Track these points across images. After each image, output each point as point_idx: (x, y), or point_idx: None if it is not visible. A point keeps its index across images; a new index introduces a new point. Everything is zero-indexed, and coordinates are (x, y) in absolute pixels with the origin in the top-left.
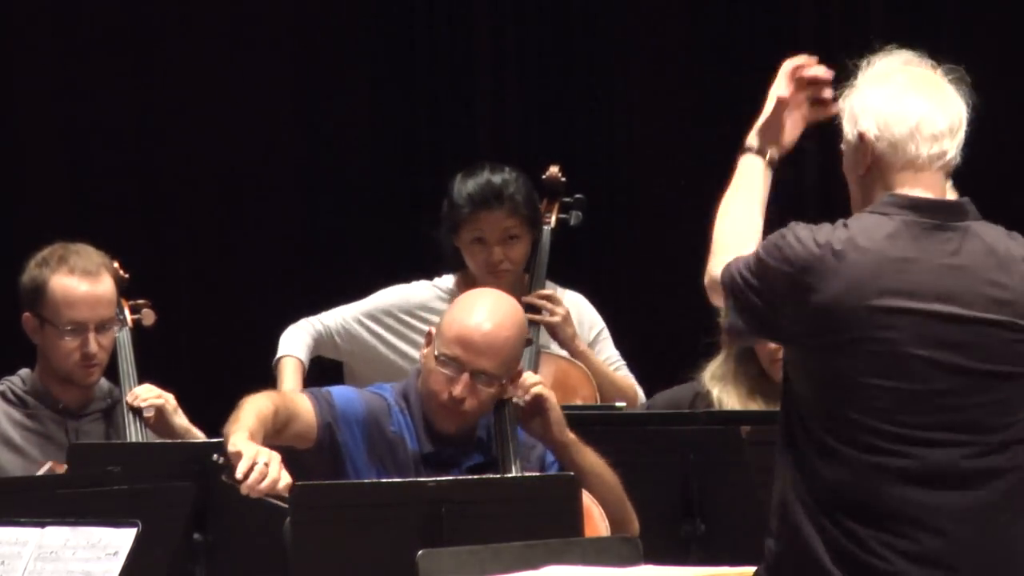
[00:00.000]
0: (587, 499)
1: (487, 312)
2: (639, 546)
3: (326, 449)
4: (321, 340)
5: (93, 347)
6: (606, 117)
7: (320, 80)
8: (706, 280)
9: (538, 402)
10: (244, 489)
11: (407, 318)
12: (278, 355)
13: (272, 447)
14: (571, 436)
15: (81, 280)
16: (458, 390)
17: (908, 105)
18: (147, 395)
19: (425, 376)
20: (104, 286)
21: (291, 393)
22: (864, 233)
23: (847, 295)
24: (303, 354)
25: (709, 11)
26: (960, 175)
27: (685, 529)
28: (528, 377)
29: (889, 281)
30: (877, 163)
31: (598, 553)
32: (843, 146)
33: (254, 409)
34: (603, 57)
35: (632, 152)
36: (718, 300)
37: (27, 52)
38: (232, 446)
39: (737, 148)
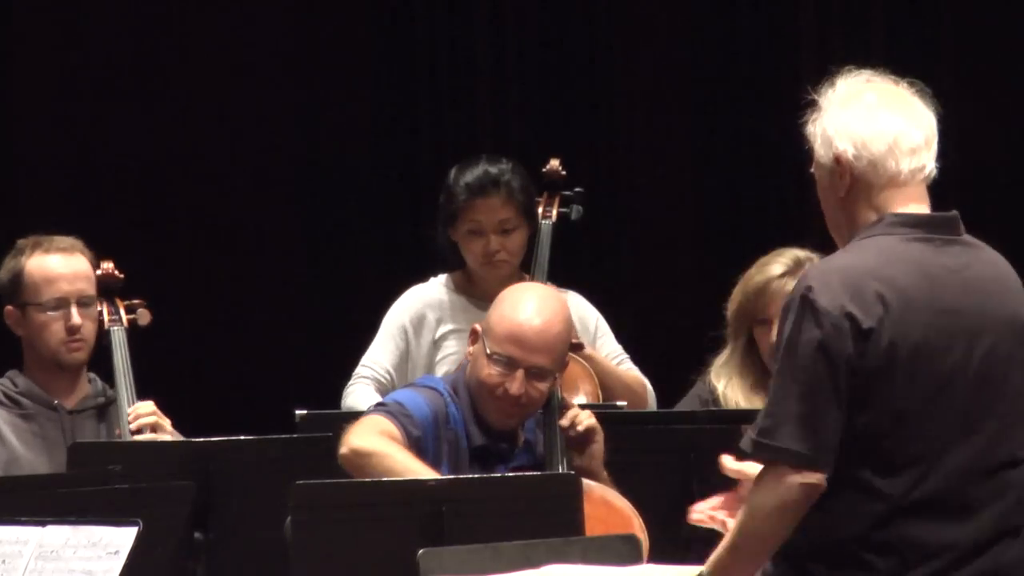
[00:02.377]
0: (628, 509)
1: (535, 307)
2: (639, 545)
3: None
4: (380, 389)
5: (77, 320)
6: (606, 112)
7: (320, 80)
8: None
9: (589, 435)
10: None
11: (420, 327)
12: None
13: None
14: (604, 474)
15: (58, 257)
16: (515, 388)
17: (883, 122)
18: (144, 416)
19: (476, 373)
20: (80, 262)
21: (378, 423)
22: (886, 257)
23: (889, 328)
24: None
25: (710, 8)
26: (957, 183)
27: (686, 528)
28: (580, 412)
29: (923, 306)
30: (857, 183)
31: (599, 552)
32: (815, 171)
33: (405, 453)
34: (603, 51)
35: (632, 146)
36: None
37: (27, 52)
38: None
39: (736, 142)
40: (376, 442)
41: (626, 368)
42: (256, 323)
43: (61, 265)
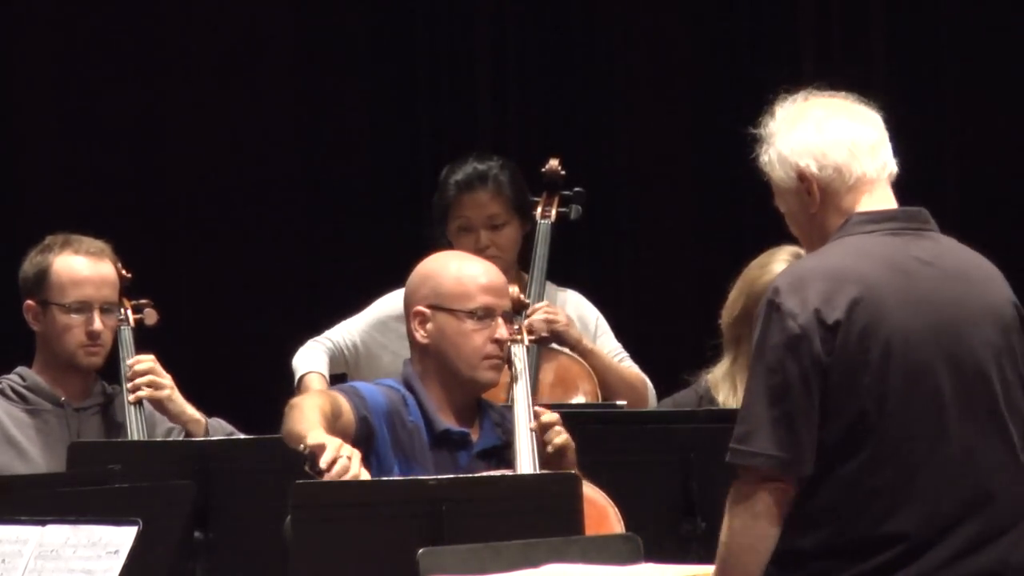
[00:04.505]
0: (603, 500)
1: (475, 261)
2: (640, 544)
3: (361, 442)
4: (334, 357)
5: (98, 326)
6: (606, 112)
7: (320, 80)
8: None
9: (561, 452)
10: (327, 479)
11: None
12: (300, 374)
13: None
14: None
15: (86, 260)
16: (505, 331)
17: (836, 129)
18: (140, 376)
19: (455, 345)
20: (108, 268)
21: (328, 392)
22: (853, 253)
23: (862, 317)
24: (324, 370)
25: (710, 7)
26: (954, 180)
27: (685, 527)
28: (553, 427)
29: (899, 295)
30: (826, 193)
31: (599, 551)
32: (778, 202)
33: (315, 407)
34: (603, 52)
35: (632, 146)
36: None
37: (29, 52)
38: (314, 439)
39: (736, 142)
40: (298, 399)
41: (627, 366)
42: (257, 323)
43: (89, 269)
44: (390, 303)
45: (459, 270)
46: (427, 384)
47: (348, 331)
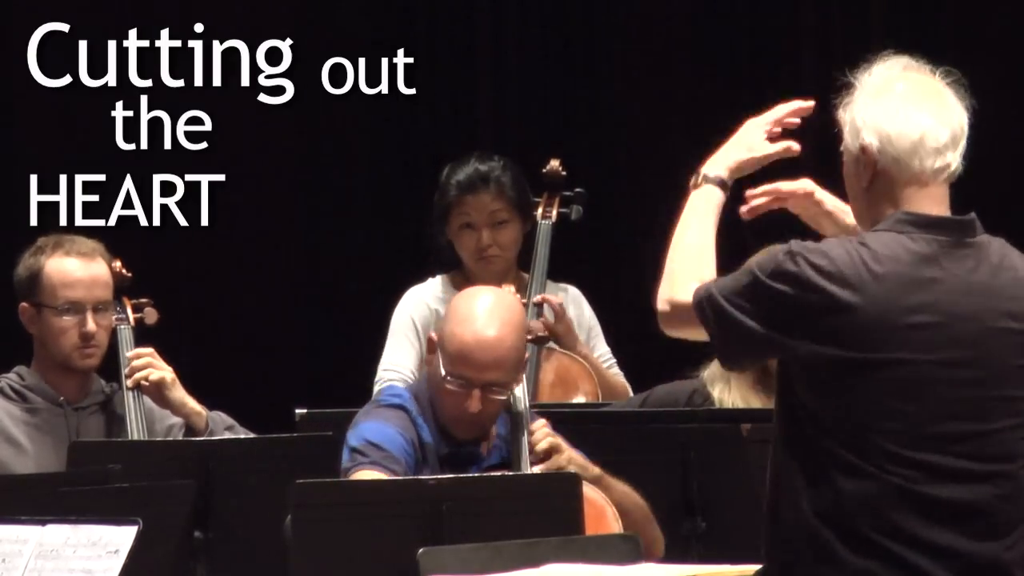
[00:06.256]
0: (601, 499)
1: (485, 319)
2: (639, 543)
3: None
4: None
5: (91, 327)
6: (606, 112)
7: (320, 79)
8: (663, 306)
9: (549, 455)
10: None
11: (427, 325)
12: None
13: None
14: (596, 471)
15: (77, 261)
16: (473, 406)
17: (910, 119)
18: (140, 369)
19: (436, 387)
20: (100, 268)
21: (372, 471)
22: (887, 251)
23: (876, 315)
24: None
25: (710, 8)
26: (962, 182)
27: (686, 527)
28: (537, 435)
29: (917, 301)
30: (881, 177)
31: (599, 551)
32: (843, 154)
33: None
34: (603, 51)
35: (632, 146)
36: (678, 328)
37: (29, 49)
38: None
39: None
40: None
41: (613, 373)
42: (257, 323)
43: (80, 270)
44: (404, 314)
45: (459, 324)
46: (432, 404)
47: (399, 363)
